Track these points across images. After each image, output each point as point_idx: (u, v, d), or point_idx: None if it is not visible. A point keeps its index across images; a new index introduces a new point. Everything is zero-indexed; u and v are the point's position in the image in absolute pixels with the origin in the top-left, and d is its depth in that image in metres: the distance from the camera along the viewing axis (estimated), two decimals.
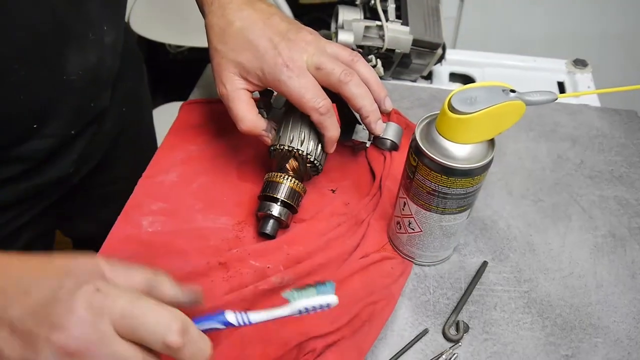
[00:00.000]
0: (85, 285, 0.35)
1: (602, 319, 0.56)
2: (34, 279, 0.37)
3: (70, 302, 0.35)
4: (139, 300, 0.36)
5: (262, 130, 0.59)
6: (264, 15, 0.58)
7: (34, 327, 0.35)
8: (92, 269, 0.38)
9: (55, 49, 0.56)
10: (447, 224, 0.54)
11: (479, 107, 0.47)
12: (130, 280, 0.39)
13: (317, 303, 0.42)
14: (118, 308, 0.35)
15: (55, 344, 0.34)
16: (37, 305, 0.35)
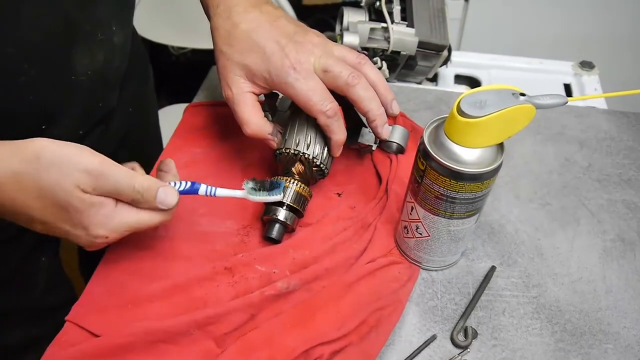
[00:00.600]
0: (97, 238, 0.47)
1: (612, 324, 0.56)
2: (50, 221, 0.46)
3: (87, 243, 0.48)
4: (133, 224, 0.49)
5: (268, 133, 0.59)
6: (271, 17, 0.57)
7: (63, 237, 0.48)
8: (95, 219, 0.47)
9: (65, 49, 0.56)
10: (455, 229, 0.54)
11: (488, 110, 0.46)
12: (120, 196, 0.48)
13: (266, 200, 0.55)
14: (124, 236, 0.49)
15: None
16: (58, 232, 0.47)
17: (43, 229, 0.48)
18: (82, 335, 0.53)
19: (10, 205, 0.46)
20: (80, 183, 0.45)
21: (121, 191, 0.47)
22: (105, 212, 0.47)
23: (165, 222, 0.51)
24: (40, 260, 0.73)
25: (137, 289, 0.56)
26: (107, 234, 0.48)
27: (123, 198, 0.48)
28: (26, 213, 0.46)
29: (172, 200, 0.50)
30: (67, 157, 0.45)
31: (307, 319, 0.53)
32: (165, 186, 0.50)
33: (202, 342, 0.52)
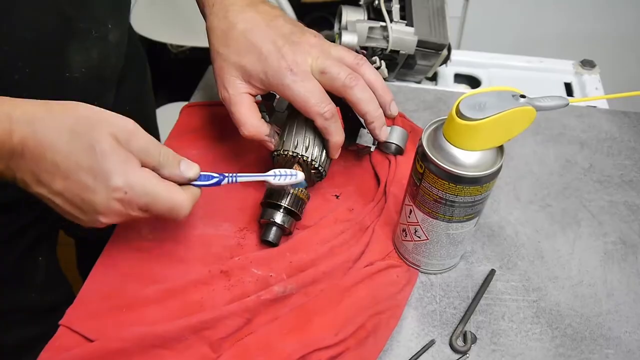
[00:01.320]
0: (115, 192, 0.46)
1: (613, 329, 0.55)
2: (69, 167, 0.45)
3: (107, 202, 0.47)
4: (154, 194, 0.48)
5: (265, 135, 0.58)
6: (267, 17, 0.56)
7: (80, 204, 0.47)
8: (115, 156, 0.46)
9: (59, 46, 0.55)
10: (454, 232, 0.53)
11: (488, 113, 0.45)
12: (146, 149, 0.48)
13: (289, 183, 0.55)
14: (141, 204, 0.48)
15: (101, 221, 0.48)
16: (78, 190, 0.46)
17: (62, 187, 0.46)
18: (76, 339, 0.52)
19: (34, 146, 0.45)
20: (115, 133, 0.46)
21: (149, 152, 0.48)
22: (130, 164, 0.47)
23: (177, 213, 0.50)
24: (37, 260, 0.72)
25: (132, 293, 0.55)
26: (126, 187, 0.46)
27: (149, 161, 0.48)
28: (51, 159, 0.45)
29: (193, 172, 0.51)
30: (104, 114, 0.47)
31: (303, 323, 0.53)
32: (187, 160, 0.51)
33: (197, 347, 0.51)
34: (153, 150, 0.48)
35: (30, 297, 0.73)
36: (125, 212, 0.49)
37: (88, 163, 0.46)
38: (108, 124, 0.47)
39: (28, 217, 0.67)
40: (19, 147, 0.45)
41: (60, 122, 0.46)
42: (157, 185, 0.48)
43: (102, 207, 0.47)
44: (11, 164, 0.46)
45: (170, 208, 0.49)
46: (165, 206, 0.49)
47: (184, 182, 0.51)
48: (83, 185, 0.46)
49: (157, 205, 0.49)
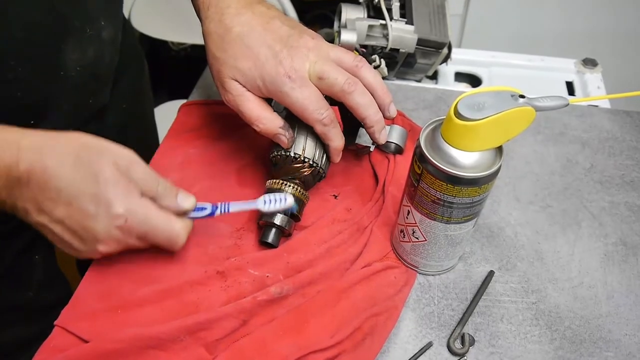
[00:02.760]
0: (116, 219, 0.47)
1: (613, 331, 0.55)
2: (72, 194, 0.46)
3: (108, 229, 0.48)
4: (153, 224, 0.50)
5: (279, 127, 0.57)
6: (264, 19, 0.56)
7: (80, 231, 0.48)
8: (117, 184, 0.47)
9: (53, 44, 0.55)
10: (453, 233, 0.52)
11: (486, 113, 0.45)
12: (145, 179, 0.49)
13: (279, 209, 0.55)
14: (140, 233, 0.49)
15: (99, 250, 0.49)
16: (80, 218, 0.47)
17: (64, 214, 0.47)
18: (71, 340, 0.52)
19: (40, 173, 0.46)
20: (117, 162, 0.48)
21: (148, 182, 0.49)
22: (131, 193, 0.48)
23: (174, 243, 0.52)
24: (34, 258, 0.72)
25: (128, 293, 0.55)
26: (127, 215, 0.48)
27: (148, 190, 0.49)
28: (55, 185, 0.46)
29: (189, 203, 0.52)
30: (107, 144, 0.49)
31: (300, 325, 0.52)
32: (184, 191, 0.53)
33: (193, 348, 0.51)
34: (152, 181, 0.50)
35: (27, 295, 0.72)
36: (124, 240, 0.50)
37: (91, 190, 0.47)
38: (110, 153, 0.48)
39: None
40: (25, 175, 0.46)
41: (65, 150, 0.47)
42: (156, 214, 0.50)
43: (103, 235, 0.49)
44: (15, 192, 0.47)
45: (169, 237, 0.51)
46: (164, 235, 0.51)
47: (179, 213, 0.52)
48: (85, 212, 0.47)
49: (155, 234, 0.50)
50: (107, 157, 0.48)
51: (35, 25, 0.52)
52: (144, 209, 0.49)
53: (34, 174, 0.46)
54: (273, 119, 0.56)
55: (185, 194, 0.52)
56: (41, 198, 0.47)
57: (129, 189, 0.48)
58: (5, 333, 0.72)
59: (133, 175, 0.49)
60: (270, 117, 0.56)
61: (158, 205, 0.50)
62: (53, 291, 0.76)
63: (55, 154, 0.46)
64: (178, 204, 0.52)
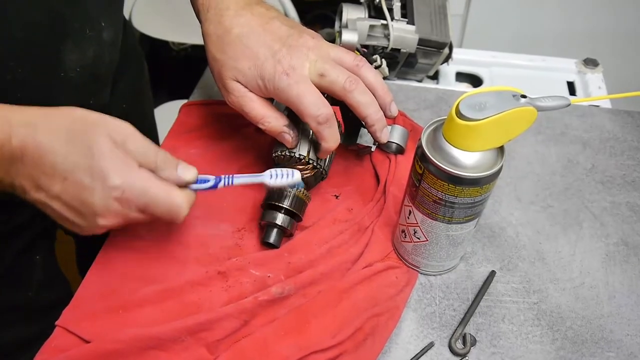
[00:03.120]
0: (113, 190, 0.46)
1: (614, 332, 0.54)
2: (67, 168, 0.45)
3: (105, 201, 0.46)
4: (152, 193, 0.48)
5: (284, 126, 0.56)
6: (263, 20, 0.56)
7: (78, 206, 0.47)
8: (113, 155, 0.46)
9: (52, 45, 0.54)
10: (454, 234, 0.52)
11: (488, 113, 0.45)
12: (142, 152, 0.48)
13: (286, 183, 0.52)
14: (139, 204, 0.48)
15: (99, 224, 0.48)
16: (77, 191, 0.46)
17: (61, 189, 0.46)
18: (72, 340, 0.52)
19: (34, 149, 0.45)
20: (112, 135, 0.46)
21: (146, 154, 0.48)
22: (128, 164, 0.47)
23: (176, 214, 0.50)
24: (35, 259, 0.72)
25: (129, 293, 0.55)
26: (124, 186, 0.46)
27: (146, 162, 0.48)
28: (49, 160, 0.45)
29: (190, 175, 0.51)
30: (101, 116, 0.47)
31: (301, 325, 0.52)
32: (184, 163, 0.51)
33: (194, 349, 0.51)
34: (150, 152, 0.48)
35: (27, 295, 0.72)
36: (124, 212, 0.48)
37: (86, 163, 0.46)
38: (105, 126, 0.47)
39: (24, 216, 0.67)
40: (19, 151, 0.45)
41: (58, 124, 0.46)
42: (156, 185, 0.48)
43: (101, 208, 0.47)
44: (11, 170, 0.46)
45: (169, 209, 0.49)
46: (165, 207, 0.49)
47: (181, 185, 0.51)
48: (81, 185, 0.46)
49: (156, 205, 0.48)
50: (102, 129, 0.46)
51: (34, 25, 0.52)
52: (141, 180, 0.47)
53: (28, 150, 0.45)
54: (278, 117, 0.56)
55: (186, 165, 0.51)
56: (37, 174, 0.46)
57: (125, 161, 0.47)
58: (6, 333, 0.72)
59: (130, 147, 0.47)
60: (275, 115, 0.56)
61: (158, 177, 0.49)
62: (53, 291, 0.76)
63: (48, 129, 0.46)
64: (178, 176, 0.50)
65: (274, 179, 0.52)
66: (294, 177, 0.52)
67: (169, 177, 0.49)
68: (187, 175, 0.51)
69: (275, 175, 0.52)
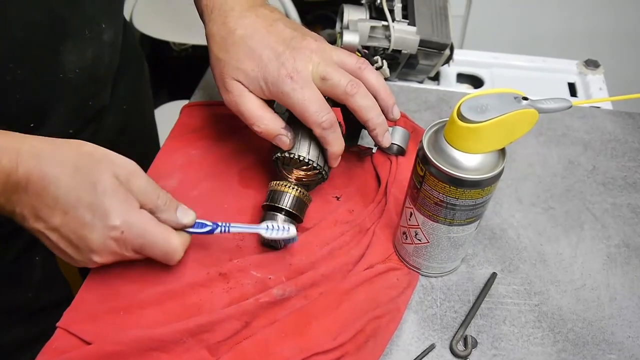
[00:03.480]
0: (113, 230, 0.47)
1: (615, 334, 0.54)
2: (69, 202, 0.46)
3: (104, 240, 0.47)
4: (150, 237, 0.49)
5: (282, 128, 0.56)
6: (267, 21, 0.56)
7: (76, 240, 0.47)
8: (115, 194, 0.47)
9: (52, 46, 0.54)
10: (456, 235, 0.52)
11: (489, 115, 0.45)
12: (144, 192, 0.49)
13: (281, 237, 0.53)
14: (136, 245, 0.49)
15: (94, 260, 0.49)
16: (76, 227, 0.47)
17: (60, 222, 0.47)
18: (73, 342, 0.52)
19: (39, 179, 0.46)
20: (116, 172, 0.48)
21: (148, 194, 0.49)
22: (129, 205, 0.48)
23: (171, 258, 0.51)
24: (34, 259, 0.72)
25: (130, 295, 0.55)
26: (123, 227, 0.47)
27: (147, 202, 0.49)
28: (53, 193, 0.46)
29: (189, 219, 0.52)
30: (107, 153, 0.49)
31: (302, 327, 0.52)
32: (184, 206, 0.52)
33: (195, 350, 0.51)
34: (152, 193, 0.50)
35: (27, 296, 0.72)
36: (120, 252, 0.49)
37: (88, 199, 0.47)
38: (110, 163, 0.48)
39: None
40: (24, 181, 0.46)
41: (65, 157, 0.47)
42: (154, 228, 0.49)
43: (97, 245, 0.48)
44: (13, 198, 0.47)
45: (165, 252, 0.51)
46: (161, 250, 0.50)
47: (178, 228, 0.52)
48: (81, 221, 0.47)
49: (152, 248, 0.50)
50: (107, 166, 0.47)
51: (33, 26, 0.52)
52: (141, 222, 0.48)
53: (32, 181, 0.46)
54: (274, 119, 0.56)
55: (185, 209, 0.52)
56: (38, 205, 0.47)
57: (127, 201, 0.48)
58: (5, 334, 0.72)
59: (133, 186, 0.48)
60: (271, 117, 0.56)
61: (157, 218, 0.50)
62: (53, 292, 0.76)
63: (55, 162, 0.46)
64: (177, 219, 0.51)
65: (269, 232, 0.53)
66: (289, 233, 0.53)
67: (168, 220, 0.51)
68: (186, 219, 0.52)
69: (271, 229, 0.53)
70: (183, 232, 0.52)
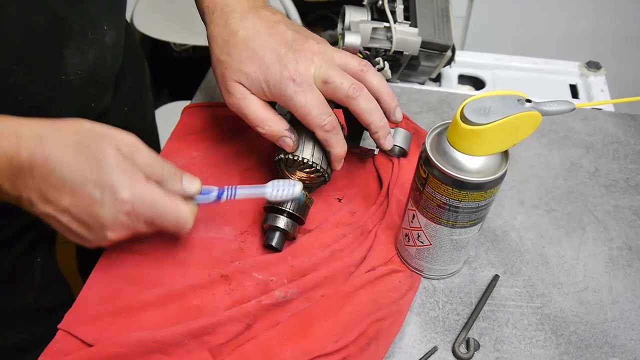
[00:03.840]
0: (122, 204, 0.47)
1: (618, 336, 0.54)
2: (76, 181, 0.46)
3: (115, 214, 0.47)
4: (160, 207, 0.49)
5: (286, 130, 0.56)
6: (269, 23, 0.55)
7: (88, 220, 0.47)
8: (122, 169, 0.47)
9: (54, 49, 0.54)
10: (458, 238, 0.52)
11: (492, 117, 0.45)
12: (149, 163, 0.49)
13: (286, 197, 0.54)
14: (148, 217, 0.48)
15: (107, 237, 0.49)
16: (86, 205, 0.46)
17: (70, 202, 0.46)
18: (74, 344, 0.52)
19: (42, 162, 0.45)
20: (119, 146, 0.47)
21: (153, 166, 0.49)
22: (136, 177, 0.48)
23: (182, 226, 0.51)
24: (35, 261, 0.72)
25: (132, 297, 0.55)
26: (133, 199, 0.47)
27: (153, 174, 0.49)
28: (58, 174, 0.45)
29: (195, 187, 0.52)
30: (108, 129, 0.48)
31: (304, 330, 0.52)
32: (189, 175, 0.52)
33: (197, 352, 0.51)
34: (156, 164, 0.49)
35: (28, 299, 0.72)
36: (132, 225, 0.49)
37: (95, 176, 0.46)
38: (112, 138, 0.47)
39: (24, 220, 0.67)
40: (27, 164, 0.45)
41: (67, 137, 0.46)
42: (163, 198, 0.49)
43: (110, 221, 0.48)
44: (18, 183, 0.46)
45: (176, 222, 0.50)
46: (172, 219, 0.50)
47: (185, 197, 0.52)
48: (90, 198, 0.47)
49: (163, 218, 0.49)
50: (110, 142, 0.47)
51: (35, 28, 0.51)
52: (150, 194, 0.48)
53: (36, 163, 0.45)
54: (278, 121, 0.56)
55: (191, 177, 0.52)
56: (45, 187, 0.46)
57: (134, 174, 0.47)
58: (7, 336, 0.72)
59: (137, 159, 0.48)
60: (275, 119, 0.56)
61: (164, 189, 0.50)
62: (54, 294, 0.76)
63: (57, 142, 0.46)
64: (184, 187, 0.51)
65: (275, 192, 0.54)
66: (295, 191, 0.54)
67: (175, 189, 0.50)
68: (192, 187, 0.52)
69: (276, 189, 0.54)
70: (191, 202, 0.52)
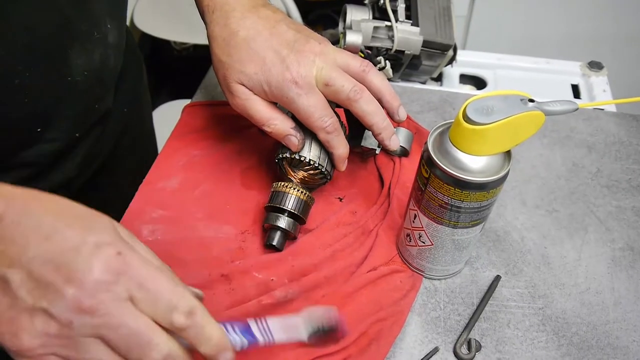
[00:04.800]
0: (108, 246, 0.36)
1: (620, 338, 0.54)
2: (56, 226, 0.36)
3: (90, 259, 0.35)
4: (158, 273, 0.37)
5: (291, 129, 0.56)
6: (269, 23, 0.55)
7: (50, 274, 0.34)
8: (114, 231, 0.38)
9: (60, 49, 0.54)
10: (460, 238, 0.52)
11: (495, 117, 0.44)
12: (149, 253, 0.39)
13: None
14: (136, 277, 0.36)
15: (69, 298, 0.34)
16: (57, 253, 0.35)
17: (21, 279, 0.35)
18: None
19: (9, 233, 0.36)
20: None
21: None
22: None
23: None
24: None
25: None
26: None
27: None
28: (18, 250, 0.35)
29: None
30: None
31: None
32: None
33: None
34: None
35: None
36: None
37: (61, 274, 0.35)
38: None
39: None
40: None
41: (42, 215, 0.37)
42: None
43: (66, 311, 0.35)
44: None
45: None
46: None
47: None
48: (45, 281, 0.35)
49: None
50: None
51: (41, 30, 0.51)
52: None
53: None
54: (284, 119, 0.56)
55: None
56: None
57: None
58: None
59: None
60: (281, 117, 0.56)
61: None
62: None
63: (39, 208, 0.37)
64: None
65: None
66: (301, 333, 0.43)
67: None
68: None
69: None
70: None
